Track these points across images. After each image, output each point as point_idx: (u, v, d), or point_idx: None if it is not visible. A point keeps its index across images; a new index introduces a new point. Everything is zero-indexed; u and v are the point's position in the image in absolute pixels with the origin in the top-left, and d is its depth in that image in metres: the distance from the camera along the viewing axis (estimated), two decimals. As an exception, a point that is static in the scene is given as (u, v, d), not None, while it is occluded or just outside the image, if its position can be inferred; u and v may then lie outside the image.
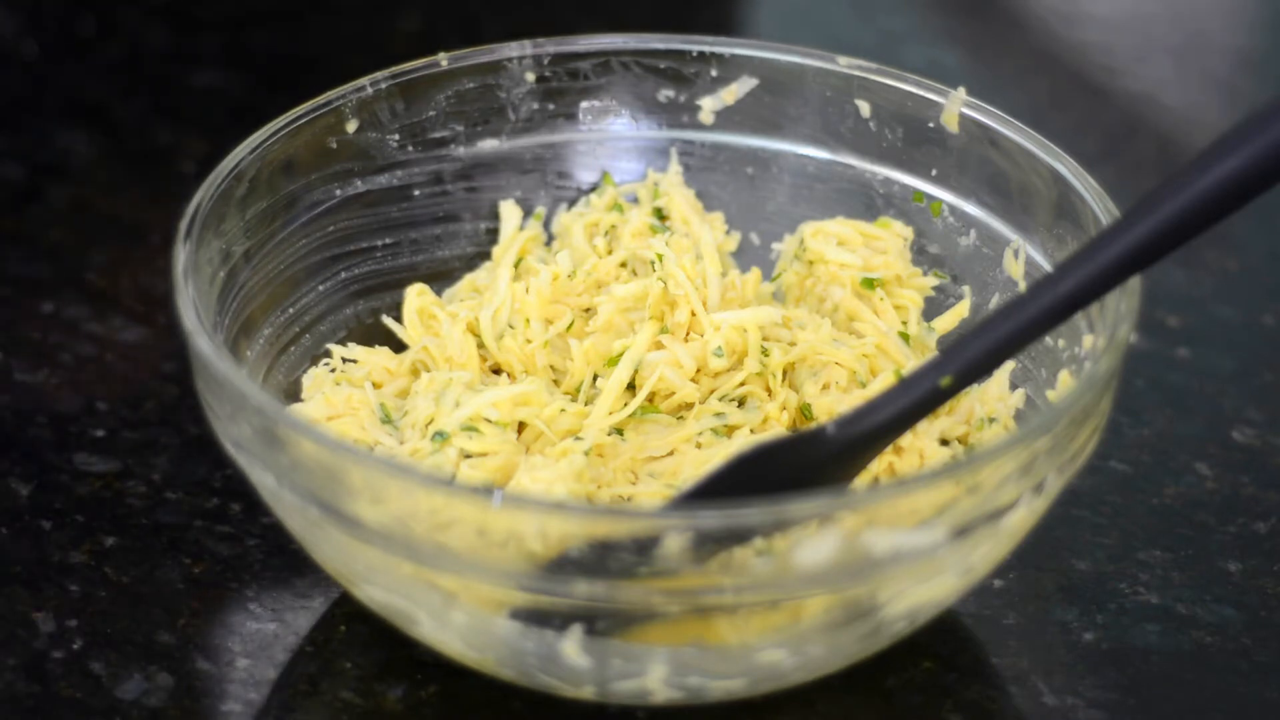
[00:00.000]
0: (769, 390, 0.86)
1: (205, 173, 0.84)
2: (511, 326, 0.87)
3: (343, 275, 0.90)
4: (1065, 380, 0.83)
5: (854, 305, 0.88)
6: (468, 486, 0.77)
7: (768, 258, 0.93)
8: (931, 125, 0.90)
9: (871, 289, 0.88)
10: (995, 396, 0.85)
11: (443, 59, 0.91)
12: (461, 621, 0.76)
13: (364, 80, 0.89)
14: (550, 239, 0.93)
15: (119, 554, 0.86)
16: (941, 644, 0.83)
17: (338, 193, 0.89)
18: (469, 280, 0.91)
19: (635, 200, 0.92)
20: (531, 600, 0.73)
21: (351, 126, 0.89)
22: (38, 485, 0.89)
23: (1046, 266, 0.86)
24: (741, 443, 0.83)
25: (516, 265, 0.89)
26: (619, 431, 0.84)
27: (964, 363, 0.77)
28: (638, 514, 0.75)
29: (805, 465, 0.77)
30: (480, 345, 0.87)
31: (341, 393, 0.84)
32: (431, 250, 0.92)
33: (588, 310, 0.88)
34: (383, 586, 0.76)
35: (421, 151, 0.91)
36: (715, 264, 0.88)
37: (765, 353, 0.85)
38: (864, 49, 0.93)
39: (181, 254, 0.80)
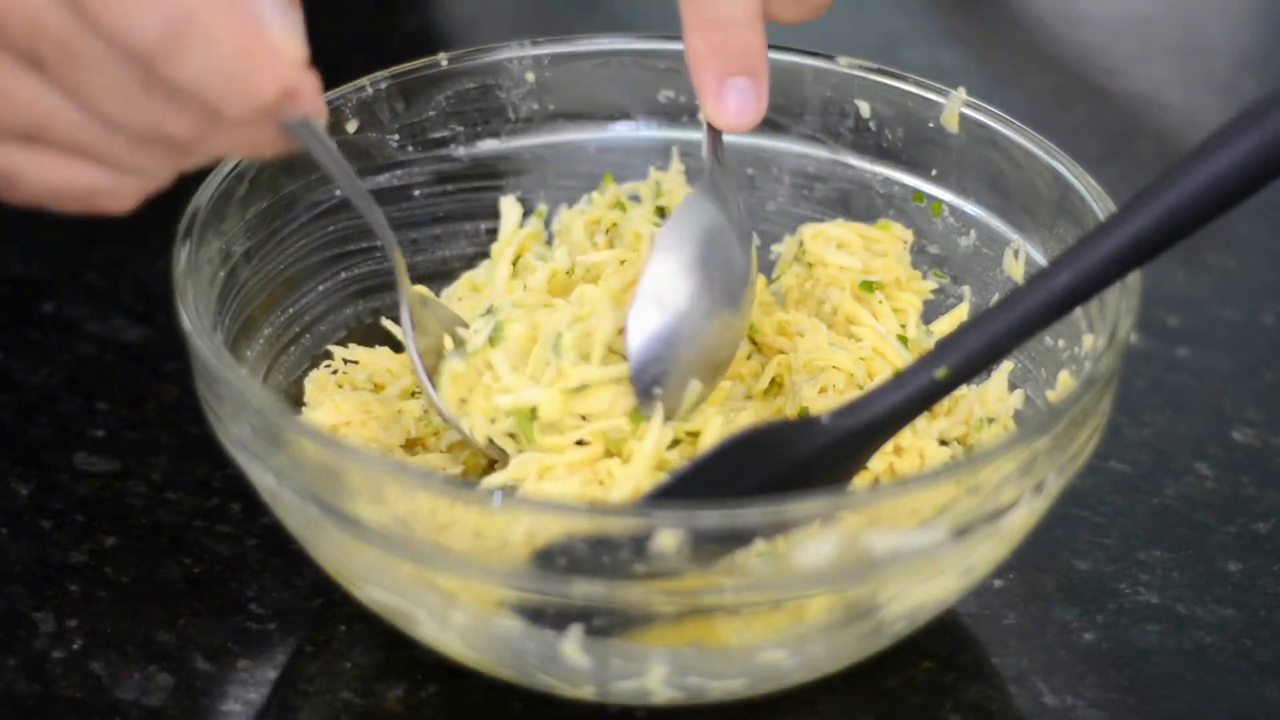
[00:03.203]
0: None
1: (205, 173, 0.84)
2: (513, 320, 0.87)
3: (343, 275, 0.90)
4: (1065, 380, 0.83)
5: (853, 308, 0.88)
6: (468, 487, 0.77)
7: (767, 258, 0.93)
8: (931, 125, 0.90)
9: (870, 292, 0.88)
10: (995, 397, 0.85)
11: (443, 59, 0.91)
12: (461, 621, 0.76)
13: (364, 80, 0.89)
14: (551, 238, 0.93)
15: (119, 554, 0.86)
16: (941, 644, 0.83)
17: (338, 193, 0.89)
18: (468, 278, 0.91)
19: (638, 199, 0.92)
20: (532, 600, 0.73)
21: (351, 126, 0.89)
22: (38, 485, 0.89)
23: (1047, 266, 0.86)
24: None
25: (515, 262, 0.89)
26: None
27: (961, 355, 0.76)
28: (638, 514, 0.75)
29: (800, 456, 0.77)
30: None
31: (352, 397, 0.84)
32: (431, 250, 0.92)
33: (586, 306, 0.87)
34: (383, 586, 0.76)
35: (421, 151, 0.91)
36: None
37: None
38: (864, 49, 0.93)
39: (181, 254, 0.80)
